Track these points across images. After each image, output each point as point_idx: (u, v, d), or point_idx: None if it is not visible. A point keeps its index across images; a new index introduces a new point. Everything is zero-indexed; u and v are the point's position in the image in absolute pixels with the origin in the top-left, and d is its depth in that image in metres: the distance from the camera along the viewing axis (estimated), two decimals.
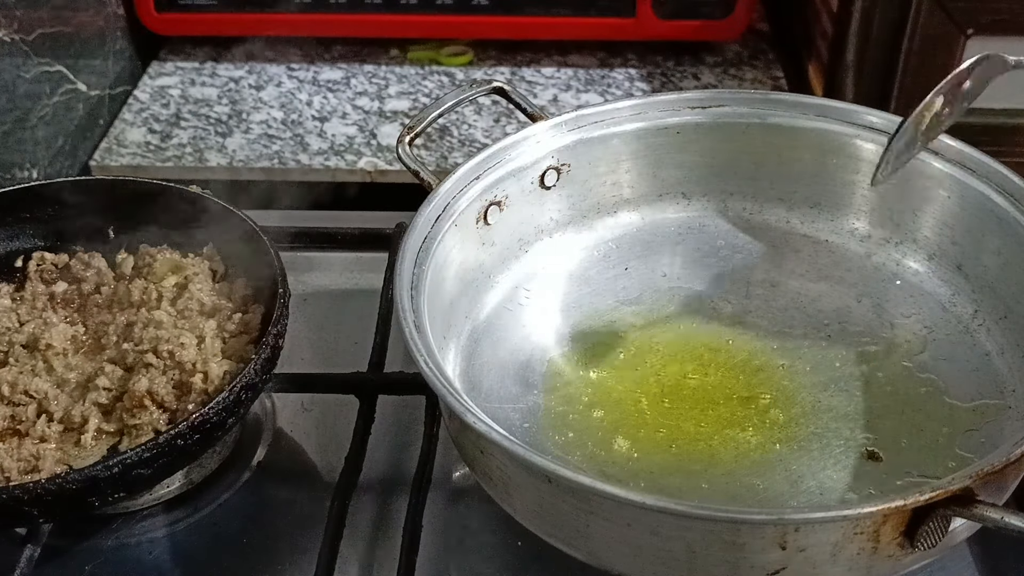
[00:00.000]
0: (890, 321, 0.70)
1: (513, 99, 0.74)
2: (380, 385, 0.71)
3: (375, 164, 0.98)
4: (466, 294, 0.69)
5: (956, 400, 0.64)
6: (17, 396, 0.64)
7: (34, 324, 0.69)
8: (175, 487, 0.67)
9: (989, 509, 0.48)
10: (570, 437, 0.63)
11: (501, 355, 0.68)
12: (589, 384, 0.67)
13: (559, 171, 0.73)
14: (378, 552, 0.65)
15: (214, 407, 0.59)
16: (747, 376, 0.67)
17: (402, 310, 0.58)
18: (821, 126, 0.72)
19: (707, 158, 0.75)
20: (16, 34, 0.89)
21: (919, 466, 0.60)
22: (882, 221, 0.73)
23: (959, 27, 0.87)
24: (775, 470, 0.61)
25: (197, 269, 0.71)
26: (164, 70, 1.12)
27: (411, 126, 0.70)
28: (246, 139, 1.02)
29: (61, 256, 0.74)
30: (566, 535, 0.55)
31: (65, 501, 0.57)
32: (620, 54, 1.13)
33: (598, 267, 0.75)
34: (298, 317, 0.69)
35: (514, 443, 0.51)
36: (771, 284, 0.73)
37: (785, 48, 1.15)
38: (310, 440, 0.73)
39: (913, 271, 0.72)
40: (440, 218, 0.66)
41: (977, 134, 0.71)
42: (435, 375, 0.55)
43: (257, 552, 0.65)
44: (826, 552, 0.50)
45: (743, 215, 0.77)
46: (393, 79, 1.10)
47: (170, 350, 0.65)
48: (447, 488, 0.68)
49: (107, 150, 1.01)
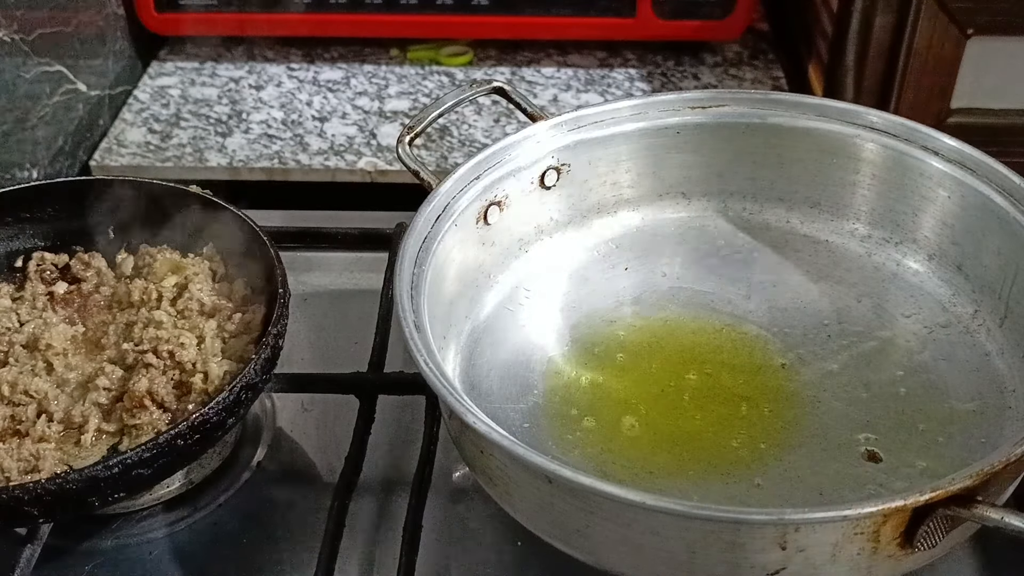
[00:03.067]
0: (890, 321, 0.70)
1: (513, 99, 0.74)
2: (380, 385, 0.71)
3: (375, 164, 0.98)
4: (466, 294, 0.69)
5: (956, 400, 0.64)
6: (17, 396, 0.64)
7: (34, 324, 0.69)
8: (175, 487, 0.67)
9: (989, 509, 0.48)
10: (570, 437, 0.63)
11: (501, 355, 0.68)
12: (589, 384, 0.67)
13: (559, 171, 0.73)
14: (378, 552, 0.65)
15: (214, 407, 0.59)
16: (747, 376, 0.67)
17: (402, 310, 0.58)
18: (821, 126, 0.72)
19: (707, 158, 0.75)
20: (16, 34, 0.89)
21: (919, 466, 0.60)
22: (882, 221, 0.73)
23: (959, 27, 0.87)
24: (775, 470, 0.61)
25: (197, 269, 0.71)
26: (164, 70, 1.12)
27: (411, 126, 0.70)
28: (246, 139, 1.02)
29: (61, 256, 0.74)
30: (566, 535, 0.55)
31: (65, 501, 0.57)
32: (620, 54, 1.13)
33: (598, 267, 0.75)
34: (298, 317, 0.69)
35: (514, 443, 0.51)
36: (771, 284, 0.73)
37: (785, 48, 1.15)
38: (310, 440, 0.73)
39: (913, 271, 0.72)
40: (440, 218, 0.66)
41: (977, 134, 0.71)
42: (435, 375, 0.55)
43: (257, 552, 0.65)
44: (826, 552, 0.50)
45: (743, 215, 0.77)
46: (393, 79, 1.10)
47: (170, 350, 0.65)
48: (447, 488, 0.68)
49: (107, 150, 1.01)
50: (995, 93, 0.90)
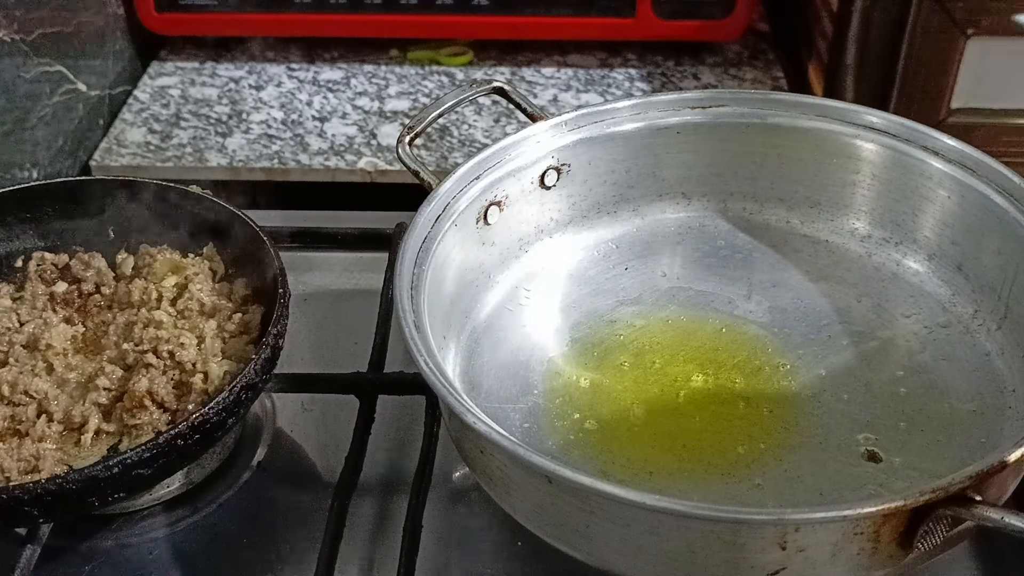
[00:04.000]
0: (890, 321, 0.70)
1: (513, 99, 0.74)
2: (380, 385, 0.71)
3: (375, 164, 0.98)
4: (466, 294, 0.69)
5: (956, 400, 0.64)
6: (17, 396, 0.64)
7: (34, 324, 0.69)
8: (175, 487, 0.67)
9: (989, 509, 0.48)
10: (570, 437, 0.63)
11: (501, 355, 0.68)
12: (589, 384, 0.67)
13: (559, 171, 0.73)
14: (378, 552, 0.65)
15: (214, 407, 0.59)
16: (747, 376, 0.67)
17: (402, 310, 0.58)
18: (821, 126, 0.72)
19: (707, 158, 0.75)
20: (16, 34, 0.89)
21: (919, 466, 0.60)
22: (882, 221, 0.73)
23: (959, 27, 0.87)
24: (775, 470, 0.61)
25: (197, 269, 0.71)
26: (164, 70, 1.12)
27: (411, 126, 0.70)
28: (246, 139, 1.02)
29: (61, 256, 0.74)
30: (566, 535, 0.55)
31: (65, 501, 0.56)
32: (620, 54, 1.13)
33: (598, 267, 0.75)
34: (298, 317, 0.69)
35: (514, 443, 0.51)
36: (771, 284, 0.73)
37: (785, 48, 1.15)
38: (310, 440, 0.73)
39: (913, 271, 0.72)
40: (440, 218, 0.66)
41: (977, 134, 0.71)
42: (435, 375, 0.55)
43: (257, 552, 0.65)
44: (826, 552, 0.50)
45: (743, 215, 0.77)
46: (393, 79, 1.10)
47: (170, 350, 0.65)
48: (447, 488, 0.68)
49: (107, 150, 1.01)
50: (995, 93, 0.90)
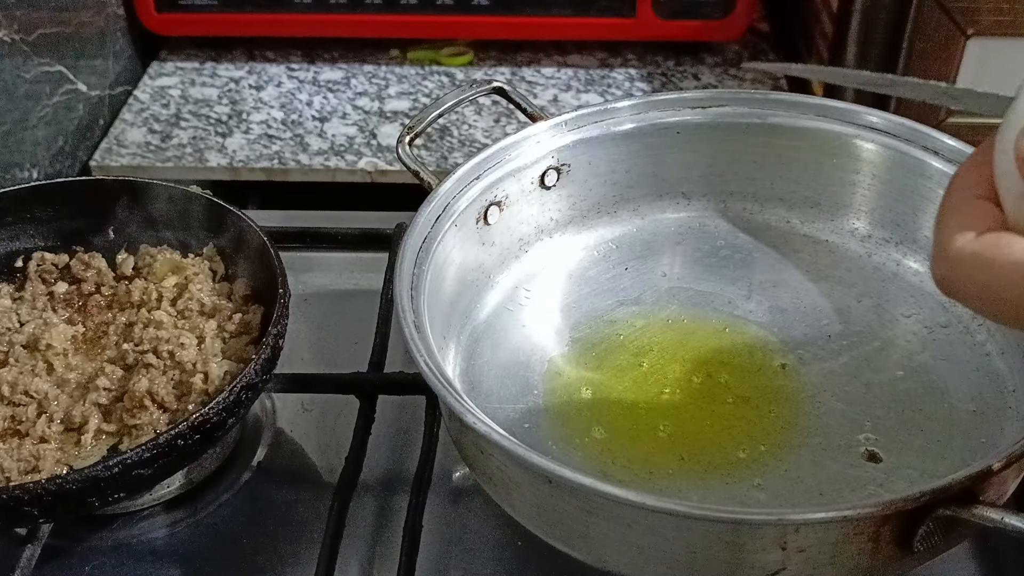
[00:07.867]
0: (890, 321, 0.70)
1: (513, 99, 0.74)
2: (380, 385, 0.71)
3: (375, 164, 0.98)
4: (466, 294, 0.69)
5: (956, 400, 0.64)
6: (17, 396, 0.64)
7: (34, 324, 0.69)
8: (175, 487, 0.67)
9: (989, 509, 0.48)
10: (570, 438, 0.63)
11: (501, 355, 0.68)
12: (589, 384, 0.67)
13: (559, 171, 0.73)
14: (378, 552, 0.65)
15: (214, 407, 0.59)
16: (747, 376, 0.67)
17: (402, 310, 0.58)
18: (821, 126, 0.72)
19: (707, 158, 0.75)
20: (16, 34, 0.89)
21: (919, 466, 0.60)
22: (882, 221, 0.73)
23: (959, 28, 0.87)
24: (775, 470, 0.61)
25: (197, 269, 0.71)
26: (164, 70, 1.12)
27: (411, 126, 0.70)
28: (246, 139, 1.02)
29: (61, 256, 0.74)
30: (566, 535, 0.55)
31: (65, 501, 0.57)
32: (620, 54, 1.13)
33: (598, 267, 0.75)
34: (298, 317, 0.69)
35: (514, 443, 0.51)
36: (771, 284, 0.73)
37: (785, 48, 1.15)
38: (310, 440, 0.73)
39: (913, 271, 0.72)
40: (440, 218, 0.66)
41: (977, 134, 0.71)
42: (435, 375, 0.55)
43: (257, 552, 0.65)
44: (826, 552, 0.50)
45: (743, 215, 0.76)
46: (393, 79, 1.10)
47: (170, 350, 0.65)
48: (447, 488, 0.68)
49: (107, 150, 1.01)
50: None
